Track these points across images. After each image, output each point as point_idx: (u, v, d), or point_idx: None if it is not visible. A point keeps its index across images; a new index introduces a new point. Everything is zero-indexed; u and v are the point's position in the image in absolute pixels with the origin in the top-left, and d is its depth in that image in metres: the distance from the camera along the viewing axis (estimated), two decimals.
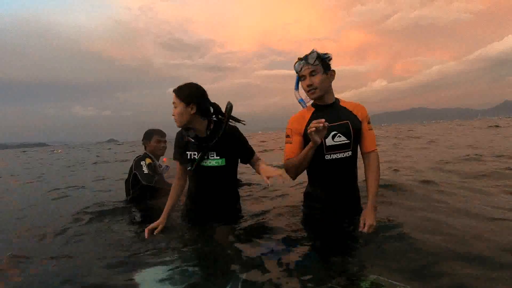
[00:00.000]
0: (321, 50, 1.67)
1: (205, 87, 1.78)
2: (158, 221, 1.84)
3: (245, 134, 1.92)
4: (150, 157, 2.72)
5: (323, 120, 1.44)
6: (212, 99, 1.82)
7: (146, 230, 1.80)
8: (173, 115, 1.72)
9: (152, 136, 2.75)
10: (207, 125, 1.77)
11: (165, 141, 2.81)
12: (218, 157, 1.76)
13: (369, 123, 1.73)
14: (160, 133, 2.77)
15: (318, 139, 1.49)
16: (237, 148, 1.84)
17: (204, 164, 1.76)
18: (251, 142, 1.96)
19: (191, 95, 1.69)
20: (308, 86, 1.64)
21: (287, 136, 1.75)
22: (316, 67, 1.63)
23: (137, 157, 2.74)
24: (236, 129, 1.84)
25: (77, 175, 7.11)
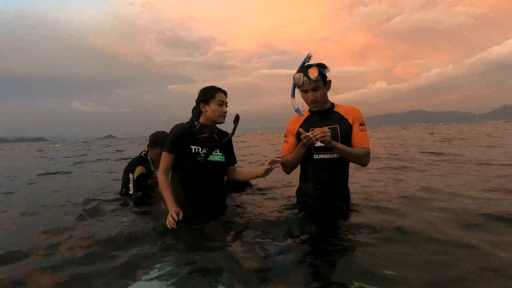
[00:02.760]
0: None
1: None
2: (175, 210, 1.76)
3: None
4: (143, 165, 2.59)
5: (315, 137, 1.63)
6: None
7: (171, 222, 1.72)
8: (225, 111, 1.90)
9: (157, 146, 2.56)
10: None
11: None
12: (221, 154, 1.94)
13: (361, 124, 1.78)
14: None
15: (305, 148, 1.74)
16: (231, 151, 2.08)
17: (209, 158, 1.88)
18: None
19: None
20: (312, 101, 1.76)
21: (285, 135, 1.98)
22: (318, 82, 1.71)
23: (130, 161, 2.62)
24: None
25: None
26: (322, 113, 1.83)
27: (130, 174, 2.53)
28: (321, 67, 1.72)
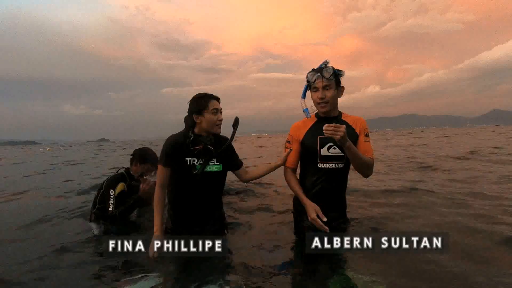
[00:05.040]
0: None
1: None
2: (158, 239, 1.63)
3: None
4: (125, 182, 2.51)
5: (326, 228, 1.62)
6: None
7: (153, 252, 1.59)
8: (220, 120, 1.80)
9: (147, 162, 2.54)
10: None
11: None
12: (218, 163, 1.83)
13: (366, 135, 1.76)
14: (156, 160, 2.51)
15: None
16: (232, 156, 1.96)
17: (205, 169, 1.78)
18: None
19: None
20: (320, 99, 1.70)
21: (288, 141, 1.89)
22: (331, 82, 1.68)
23: (110, 177, 2.53)
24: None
25: None
26: (330, 120, 1.75)
27: (111, 190, 2.41)
28: (337, 69, 1.71)
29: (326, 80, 1.67)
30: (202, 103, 1.75)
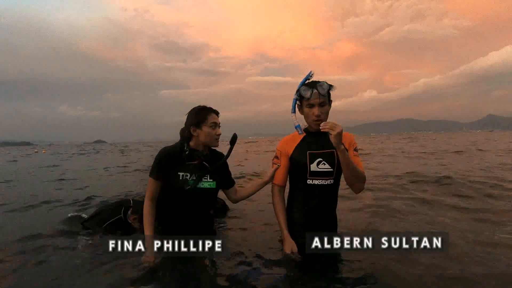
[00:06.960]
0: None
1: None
2: (150, 256, 1.58)
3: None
4: (122, 228, 2.34)
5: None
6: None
7: (149, 261, 1.57)
8: (219, 134, 1.76)
9: None
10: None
11: None
12: (211, 180, 1.78)
13: (355, 150, 1.72)
14: None
15: None
16: (226, 174, 1.91)
17: (198, 186, 1.73)
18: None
19: None
20: (317, 116, 1.65)
21: (276, 157, 1.82)
22: (326, 98, 1.66)
23: (111, 221, 2.29)
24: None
25: None
26: (320, 135, 1.70)
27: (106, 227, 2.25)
28: (329, 84, 1.68)
29: (322, 97, 1.64)
30: (201, 116, 1.71)
